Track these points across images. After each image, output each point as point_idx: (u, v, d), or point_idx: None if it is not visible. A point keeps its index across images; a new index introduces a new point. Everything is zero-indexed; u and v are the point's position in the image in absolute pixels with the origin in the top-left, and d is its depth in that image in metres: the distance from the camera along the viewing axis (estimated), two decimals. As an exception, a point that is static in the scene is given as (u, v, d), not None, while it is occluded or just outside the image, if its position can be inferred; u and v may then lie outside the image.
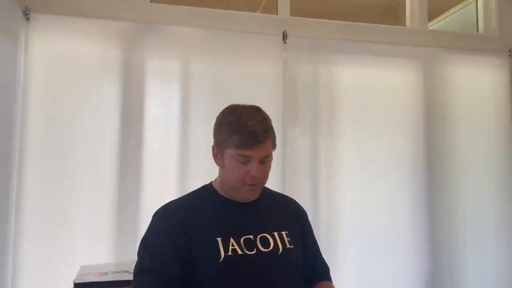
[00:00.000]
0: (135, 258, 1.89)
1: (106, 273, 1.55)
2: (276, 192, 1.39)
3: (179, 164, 2.07)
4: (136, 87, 2.04)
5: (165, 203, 1.26)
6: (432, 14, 2.60)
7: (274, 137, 1.22)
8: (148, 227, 1.22)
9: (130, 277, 1.50)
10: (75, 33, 1.98)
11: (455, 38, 2.52)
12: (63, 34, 1.98)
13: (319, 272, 1.34)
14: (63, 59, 1.98)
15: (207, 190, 1.28)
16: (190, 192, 1.30)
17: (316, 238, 1.38)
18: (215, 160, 1.25)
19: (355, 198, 2.25)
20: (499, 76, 2.52)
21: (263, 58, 2.17)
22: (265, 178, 1.21)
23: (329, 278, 1.35)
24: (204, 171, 2.03)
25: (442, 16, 2.83)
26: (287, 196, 1.40)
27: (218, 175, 1.27)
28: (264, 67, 2.16)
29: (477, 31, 2.71)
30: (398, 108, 2.34)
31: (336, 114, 2.25)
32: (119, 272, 1.57)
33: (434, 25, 2.73)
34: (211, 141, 2.04)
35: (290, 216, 1.31)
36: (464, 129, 2.42)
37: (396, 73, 2.35)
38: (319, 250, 1.38)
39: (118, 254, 1.97)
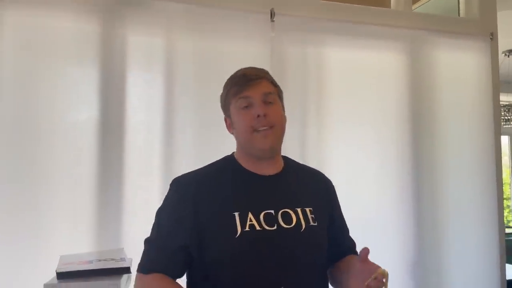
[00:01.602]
0: (119, 246, 1.81)
1: (90, 262, 1.45)
2: (303, 165, 1.33)
3: (163, 150, 1.96)
4: (117, 66, 1.91)
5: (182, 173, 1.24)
6: (415, -3, 2.60)
7: (275, 83, 1.21)
8: (165, 197, 1.20)
9: (117, 264, 1.42)
10: (49, 6, 1.81)
11: (438, 21, 2.52)
12: (36, 7, 1.81)
13: (345, 249, 1.29)
14: (35, 34, 1.81)
15: (227, 161, 1.23)
16: (211, 163, 1.24)
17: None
18: (228, 130, 1.23)
19: (342, 182, 2.21)
20: (481, 60, 2.53)
21: (250, 37, 2.08)
22: (277, 121, 1.16)
23: (355, 253, 1.30)
24: (190, 156, 1.95)
25: (424, 0, 2.83)
26: (315, 170, 1.34)
27: (236, 144, 1.23)
28: (252, 46, 2.08)
29: (458, 15, 2.73)
30: (385, 88, 2.32)
31: (324, 94, 2.21)
32: (104, 260, 1.47)
33: (417, 8, 2.73)
34: (197, 124, 1.99)
35: (316, 191, 1.25)
36: (447, 113, 2.42)
37: (383, 54, 2.33)
38: (346, 227, 1.33)
39: (100, 244, 1.86)
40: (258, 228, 1.09)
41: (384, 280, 1.03)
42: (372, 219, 2.21)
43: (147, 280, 1.14)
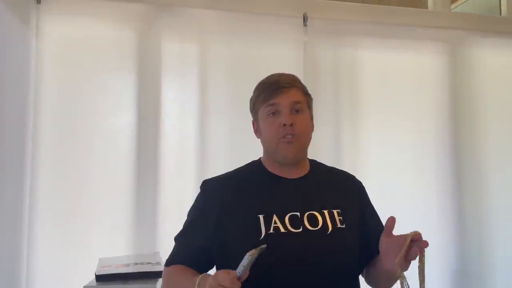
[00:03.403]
0: (154, 250, 1.84)
1: (127, 265, 1.49)
2: (332, 167, 1.31)
3: (198, 153, 1.99)
4: (153, 72, 1.96)
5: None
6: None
7: (306, 92, 1.20)
8: (195, 197, 1.23)
9: (152, 268, 1.45)
10: (88, 16, 1.89)
11: (479, 21, 2.42)
12: (75, 17, 1.89)
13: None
14: (76, 43, 1.89)
15: (254, 165, 1.24)
16: (238, 167, 1.25)
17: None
18: (256, 135, 1.23)
19: (378, 186, 2.16)
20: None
21: (283, 42, 2.08)
22: (302, 131, 1.15)
23: None
24: (224, 161, 1.96)
25: (462, 0, 2.75)
26: (344, 172, 1.31)
27: (263, 149, 1.23)
28: (284, 51, 2.07)
29: (500, 14, 2.63)
30: (422, 91, 2.25)
31: (359, 99, 2.17)
32: (141, 263, 1.50)
33: (456, 8, 2.65)
34: (230, 127, 2.01)
35: (345, 193, 1.22)
36: (490, 114, 2.33)
37: (420, 56, 2.26)
38: (382, 228, 1.29)
39: (136, 248, 1.90)
40: (282, 230, 1.08)
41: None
42: (409, 223, 2.13)
43: (168, 270, 1.19)
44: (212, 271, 1.18)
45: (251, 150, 1.51)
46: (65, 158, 1.87)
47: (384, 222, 1.25)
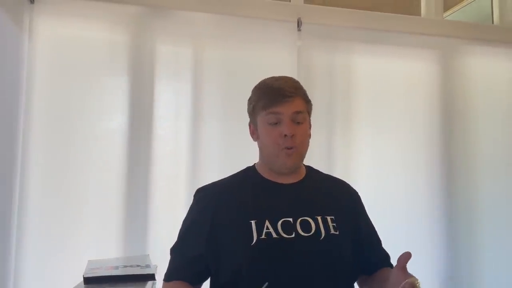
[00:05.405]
0: (144, 252, 1.83)
1: (116, 267, 1.47)
2: (327, 174, 1.31)
3: (190, 157, 1.99)
4: (146, 74, 1.96)
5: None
6: (446, 5, 2.55)
7: (307, 98, 1.18)
8: (189, 206, 1.23)
9: (142, 271, 1.43)
10: (82, 17, 1.89)
11: (471, 29, 2.45)
12: (69, 18, 1.89)
13: (377, 261, 1.24)
14: (69, 44, 1.89)
15: (248, 171, 1.23)
16: (233, 174, 1.25)
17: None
18: (252, 137, 1.22)
19: (370, 193, 2.16)
20: (516, 68, 2.45)
21: (277, 46, 2.09)
22: (302, 141, 1.14)
23: (390, 265, 1.25)
24: (217, 164, 1.96)
25: (456, 8, 2.78)
26: (339, 179, 1.31)
27: (259, 154, 1.22)
28: (278, 55, 2.08)
29: (492, 23, 2.66)
30: (415, 98, 2.27)
31: (352, 104, 2.18)
32: (130, 266, 1.49)
33: (448, 16, 2.68)
34: (223, 132, 2.01)
35: (340, 200, 1.22)
36: (481, 122, 2.36)
37: (413, 62, 2.28)
38: (377, 238, 1.29)
39: (126, 250, 1.89)
40: (275, 236, 1.08)
41: None
42: (400, 229, 2.15)
43: (168, 286, 1.17)
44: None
45: (244, 153, 1.51)
46: (56, 159, 1.86)
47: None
